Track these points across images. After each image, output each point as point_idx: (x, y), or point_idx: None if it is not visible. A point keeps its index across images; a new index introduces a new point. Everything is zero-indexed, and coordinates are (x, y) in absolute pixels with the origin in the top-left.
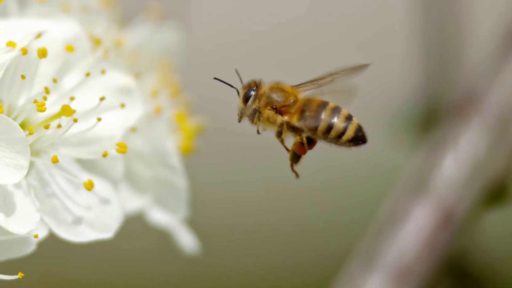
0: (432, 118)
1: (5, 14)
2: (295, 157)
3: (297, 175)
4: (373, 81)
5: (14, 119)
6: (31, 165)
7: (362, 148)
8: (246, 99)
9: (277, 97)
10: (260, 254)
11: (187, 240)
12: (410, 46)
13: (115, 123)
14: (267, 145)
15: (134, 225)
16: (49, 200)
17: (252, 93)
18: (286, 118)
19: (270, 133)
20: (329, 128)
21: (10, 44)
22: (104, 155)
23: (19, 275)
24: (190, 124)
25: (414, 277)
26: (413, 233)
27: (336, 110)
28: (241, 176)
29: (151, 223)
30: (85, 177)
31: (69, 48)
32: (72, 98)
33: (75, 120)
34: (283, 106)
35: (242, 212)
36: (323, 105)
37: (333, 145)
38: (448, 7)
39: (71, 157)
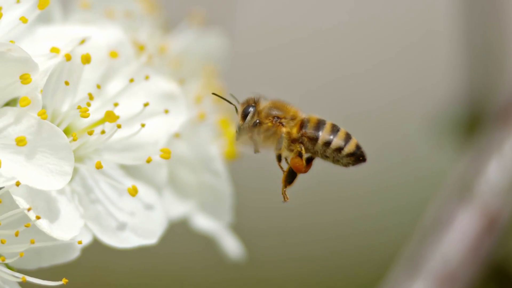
0: (476, 122)
1: (49, 20)
2: (290, 176)
3: (285, 198)
4: (417, 84)
5: (58, 125)
6: (75, 171)
7: (362, 166)
8: (244, 115)
9: (277, 111)
10: (303, 258)
11: (231, 246)
12: (454, 49)
13: (159, 129)
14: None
15: (177, 229)
16: (93, 206)
17: (251, 109)
18: (286, 129)
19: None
20: (328, 142)
21: (54, 50)
22: (148, 161)
23: (63, 281)
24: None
25: (458, 282)
26: (457, 238)
27: (334, 128)
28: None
29: (195, 229)
30: (129, 183)
31: (113, 54)
32: (116, 104)
33: (119, 126)
34: (283, 118)
35: (286, 216)
36: (322, 122)
37: (332, 161)
38: (491, 11)
39: (115, 163)
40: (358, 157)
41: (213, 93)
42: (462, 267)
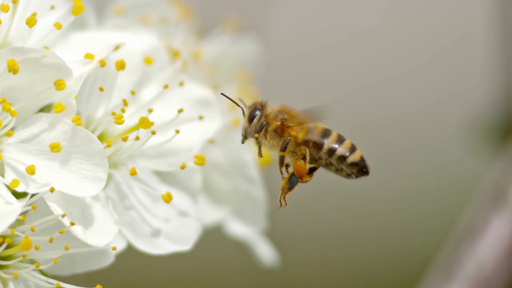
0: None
1: (83, 26)
2: (291, 182)
3: (281, 206)
4: (452, 88)
5: (92, 131)
6: (109, 177)
7: (365, 179)
8: (251, 118)
9: (285, 114)
10: (337, 263)
11: (265, 252)
12: (490, 53)
13: (193, 135)
14: None
15: (211, 234)
16: (127, 212)
17: (258, 112)
18: (293, 132)
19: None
20: (333, 149)
21: (88, 56)
22: (182, 167)
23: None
24: None
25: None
26: (492, 244)
27: (340, 138)
28: (318, 186)
29: (229, 235)
30: (163, 189)
31: (148, 60)
32: (150, 110)
33: (153, 132)
34: (291, 121)
35: (319, 221)
36: (329, 131)
37: (335, 170)
38: None
39: (149, 169)
40: (361, 168)
41: (222, 94)
42: (497, 273)
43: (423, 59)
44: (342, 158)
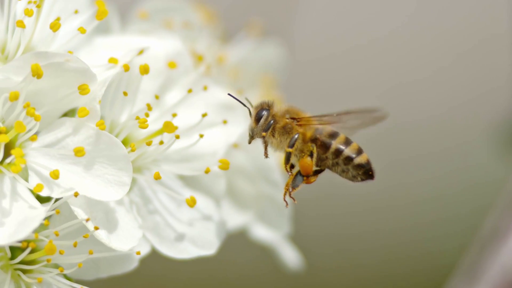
0: None
1: (107, 30)
2: (297, 181)
3: (287, 205)
4: (476, 92)
5: (116, 136)
6: (133, 181)
7: (371, 182)
8: (258, 118)
9: (293, 114)
10: (360, 266)
11: (290, 256)
12: None
13: (217, 140)
14: (374, 158)
15: (234, 237)
16: (151, 216)
17: (265, 112)
18: (301, 130)
19: (363, 140)
20: (339, 150)
21: (112, 60)
22: (207, 171)
23: None
24: None
25: None
26: None
27: (347, 141)
28: (341, 189)
29: (253, 239)
30: (187, 193)
31: (171, 65)
32: (174, 115)
33: (177, 137)
34: (300, 120)
35: (341, 224)
36: (335, 133)
37: (340, 172)
38: None
39: (173, 174)
40: (367, 171)
41: (228, 94)
42: None
43: (447, 62)
44: (349, 159)
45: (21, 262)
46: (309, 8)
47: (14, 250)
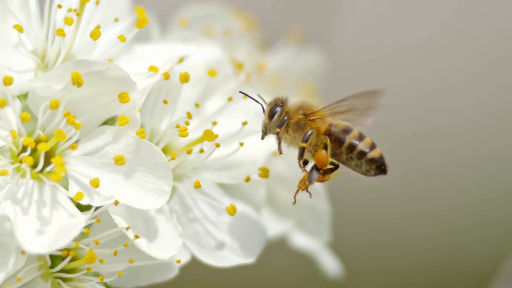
0: None
1: (147, 38)
2: (312, 176)
3: (294, 202)
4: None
5: (156, 144)
6: (174, 190)
7: (382, 178)
8: (271, 114)
9: (306, 110)
10: (398, 271)
11: (330, 264)
12: None
13: (257, 148)
14: (403, 162)
15: (273, 242)
16: (191, 225)
17: (278, 109)
18: (315, 125)
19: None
20: (353, 145)
21: (153, 69)
22: (247, 180)
23: None
24: None
25: None
26: None
27: (360, 136)
28: (380, 194)
29: (293, 247)
30: (227, 201)
31: (211, 73)
32: (214, 123)
33: (218, 145)
34: (313, 115)
35: (380, 229)
36: (349, 129)
37: (354, 166)
38: None
39: (213, 182)
40: (380, 165)
41: (240, 92)
42: None
43: (484, 67)
44: (362, 153)
45: (61, 271)
46: (348, 14)
47: (54, 259)
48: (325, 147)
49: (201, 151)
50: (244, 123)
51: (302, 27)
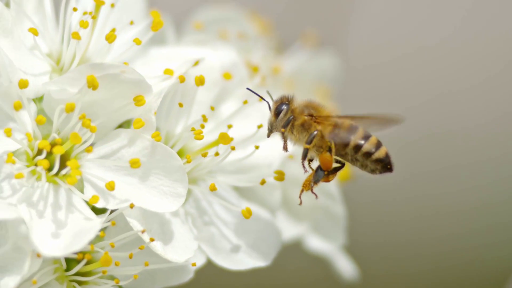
0: None
1: (162, 41)
2: (317, 176)
3: (300, 203)
4: None
5: (172, 147)
6: (189, 193)
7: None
8: (277, 112)
9: (312, 109)
10: (412, 273)
11: (345, 267)
12: None
13: (272, 151)
14: (416, 164)
15: (287, 244)
16: (206, 228)
17: (284, 107)
18: (320, 127)
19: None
20: (359, 146)
21: (168, 72)
22: (262, 183)
23: None
24: None
25: None
26: None
27: (366, 134)
28: (392, 195)
29: (308, 250)
30: (242, 204)
31: (227, 76)
32: (229, 126)
33: (233, 148)
34: (318, 116)
35: (393, 231)
36: (354, 127)
37: (360, 166)
38: None
39: (228, 185)
40: (386, 164)
41: (247, 88)
42: None
43: (496, 70)
44: (368, 154)
45: (77, 274)
46: (361, 16)
47: (70, 262)
48: (330, 150)
49: (217, 154)
50: (260, 126)
51: (316, 30)
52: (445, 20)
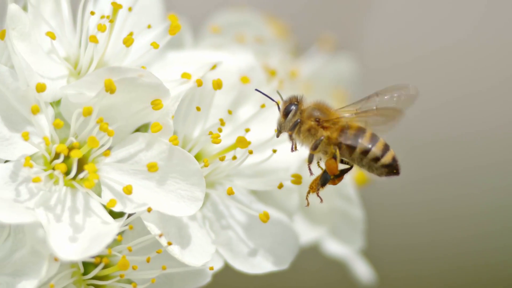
0: None
1: (179, 45)
2: (324, 179)
3: (308, 204)
4: None
5: (189, 151)
6: (206, 197)
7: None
8: (286, 113)
9: (320, 113)
10: (427, 276)
11: (363, 271)
12: None
13: (290, 155)
14: (434, 167)
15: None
16: (224, 231)
17: (293, 107)
18: (326, 133)
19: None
20: (366, 151)
21: (185, 75)
22: (280, 186)
23: None
24: None
25: None
26: None
27: (373, 138)
28: (409, 197)
29: (326, 253)
30: (260, 208)
31: (244, 79)
32: (247, 130)
33: (251, 152)
34: (325, 121)
35: (410, 233)
36: (362, 130)
37: (366, 169)
38: None
39: (246, 189)
40: (392, 168)
41: (256, 89)
42: None
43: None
44: (376, 159)
45: (94, 278)
46: (378, 19)
47: (87, 266)
48: (335, 157)
49: (234, 158)
50: (277, 130)
51: (333, 33)
52: (460, 22)
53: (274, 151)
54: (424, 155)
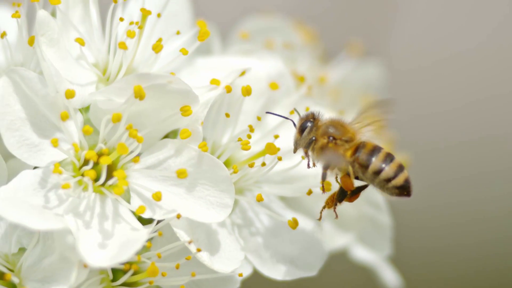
0: None
1: (208, 51)
2: (341, 195)
3: (320, 218)
4: None
5: (218, 157)
6: (235, 203)
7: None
8: (302, 129)
9: (335, 130)
10: (449, 279)
11: (390, 278)
12: None
13: None
14: (458, 169)
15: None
16: (253, 238)
17: (309, 124)
18: (340, 151)
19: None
20: (379, 171)
21: (214, 82)
22: (309, 193)
23: None
24: None
25: None
26: None
27: (388, 158)
28: (435, 200)
29: (354, 260)
30: (289, 215)
31: (273, 86)
32: (276, 136)
33: (280, 158)
34: (340, 139)
35: (435, 236)
36: (377, 149)
37: (377, 188)
38: None
39: (274, 195)
40: (404, 190)
41: (267, 112)
42: None
43: None
44: (387, 180)
45: (123, 284)
46: (405, 22)
47: (116, 272)
48: (348, 174)
49: (263, 164)
50: None
51: (360, 39)
52: (484, 24)
53: (303, 157)
54: (450, 158)
